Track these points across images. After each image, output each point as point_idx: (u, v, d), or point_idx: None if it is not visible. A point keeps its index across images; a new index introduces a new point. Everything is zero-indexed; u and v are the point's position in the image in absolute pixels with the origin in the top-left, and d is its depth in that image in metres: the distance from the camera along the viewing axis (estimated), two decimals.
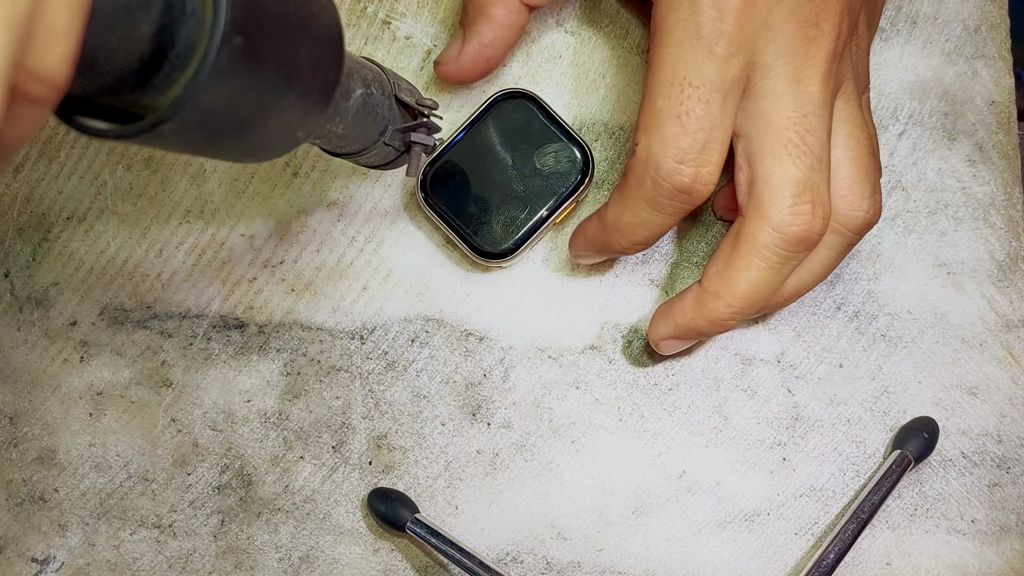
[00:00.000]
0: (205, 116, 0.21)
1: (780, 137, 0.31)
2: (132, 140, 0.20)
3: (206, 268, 0.39)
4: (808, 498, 0.38)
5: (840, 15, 0.31)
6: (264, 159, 0.25)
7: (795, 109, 0.31)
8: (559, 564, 0.38)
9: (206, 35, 0.20)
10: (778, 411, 0.38)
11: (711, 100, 0.30)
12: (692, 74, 0.30)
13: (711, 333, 0.35)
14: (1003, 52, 0.39)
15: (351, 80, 0.28)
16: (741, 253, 0.32)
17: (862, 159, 0.33)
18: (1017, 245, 0.39)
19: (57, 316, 0.39)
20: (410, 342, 0.39)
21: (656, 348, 0.36)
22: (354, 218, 0.39)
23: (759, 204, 0.31)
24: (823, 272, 0.34)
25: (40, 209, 0.39)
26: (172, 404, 0.39)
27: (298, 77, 0.23)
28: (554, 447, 0.38)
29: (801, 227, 0.31)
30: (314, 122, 0.25)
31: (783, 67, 0.31)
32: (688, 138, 0.30)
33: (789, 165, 0.31)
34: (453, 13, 0.39)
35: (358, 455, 0.38)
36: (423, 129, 0.32)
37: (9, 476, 0.39)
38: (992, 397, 0.38)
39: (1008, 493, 0.38)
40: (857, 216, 0.33)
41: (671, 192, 0.31)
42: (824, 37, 0.31)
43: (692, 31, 0.30)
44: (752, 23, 0.30)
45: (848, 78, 0.33)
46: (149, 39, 0.20)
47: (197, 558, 0.38)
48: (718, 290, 0.33)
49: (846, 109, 0.33)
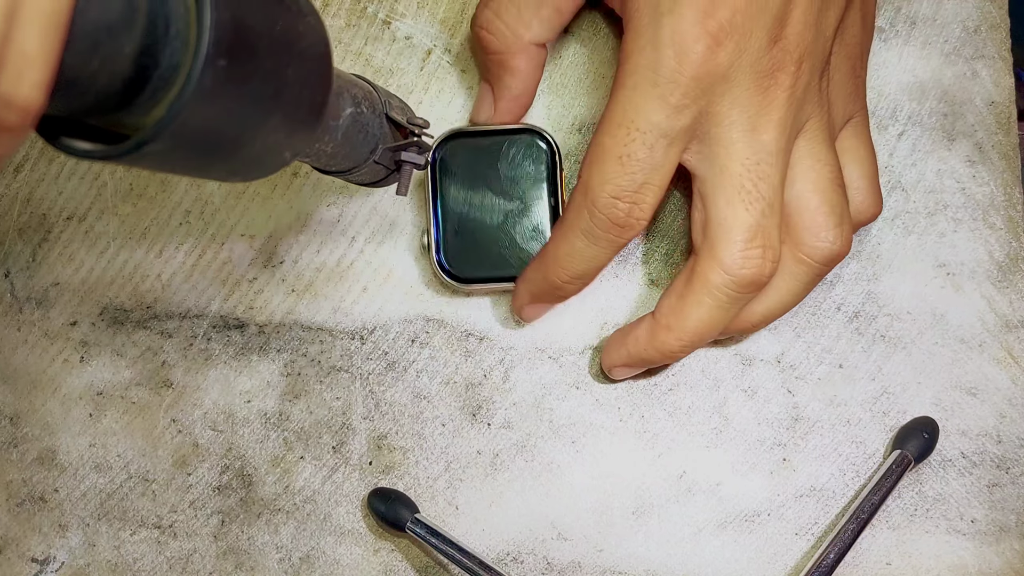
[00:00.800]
0: (189, 137, 0.20)
1: (734, 183, 0.32)
2: (116, 160, 0.20)
3: (206, 268, 0.39)
4: (808, 498, 0.38)
5: (798, 62, 0.31)
6: (252, 179, 0.25)
7: (748, 156, 0.32)
8: (559, 564, 0.38)
9: (190, 56, 0.19)
10: (778, 411, 0.38)
11: (655, 146, 0.31)
12: (641, 120, 0.31)
13: (661, 363, 0.36)
14: (1003, 52, 0.39)
15: (340, 99, 0.28)
16: (693, 290, 0.33)
17: (826, 191, 0.33)
18: (1017, 245, 0.39)
19: (57, 316, 0.39)
20: (410, 342, 0.39)
21: (608, 373, 0.37)
22: (354, 218, 0.39)
23: (712, 245, 0.33)
24: (791, 302, 0.35)
25: (40, 209, 0.39)
26: (172, 404, 0.39)
27: (285, 97, 0.23)
28: (554, 447, 0.38)
29: (751, 271, 0.32)
30: (302, 141, 0.25)
31: (737, 117, 0.32)
32: (627, 177, 0.31)
33: (741, 211, 0.32)
34: (453, 13, 0.39)
35: (358, 455, 0.38)
36: (414, 148, 0.32)
37: (9, 476, 0.39)
38: (992, 397, 0.38)
39: (1008, 493, 0.38)
40: (823, 247, 0.33)
41: (606, 224, 0.32)
42: (778, 87, 0.31)
43: (650, 78, 0.31)
44: (711, 76, 0.31)
45: (812, 116, 0.33)
46: (131, 61, 0.19)
47: (197, 558, 0.38)
48: (670, 324, 0.34)
49: (807, 145, 0.33)
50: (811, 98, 0.33)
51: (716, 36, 0.30)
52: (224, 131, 0.21)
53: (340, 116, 0.28)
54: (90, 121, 0.21)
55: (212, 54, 0.19)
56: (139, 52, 0.19)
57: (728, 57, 0.30)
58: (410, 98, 0.39)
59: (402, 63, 0.39)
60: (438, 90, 0.39)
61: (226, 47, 0.20)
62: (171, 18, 0.20)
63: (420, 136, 0.32)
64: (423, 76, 0.39)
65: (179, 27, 0.20)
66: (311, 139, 0.26)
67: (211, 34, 0.19)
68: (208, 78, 0.19)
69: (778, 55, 0.31)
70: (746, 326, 0.36)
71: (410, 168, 0.32)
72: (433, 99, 0.39)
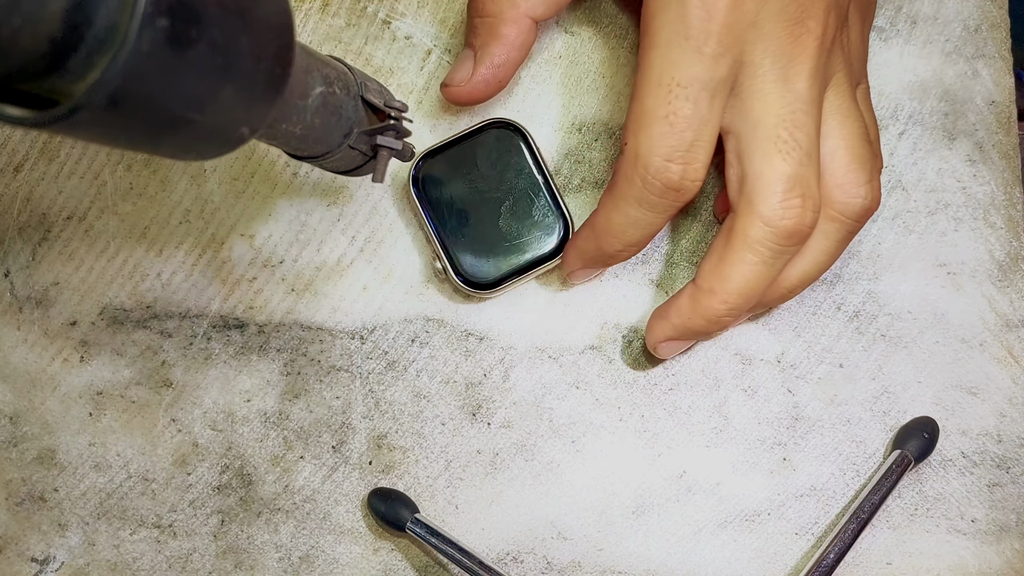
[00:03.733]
0: (128, 105, 0.19)
1: (770, 134, 0.31)
2: (47, 128, 0.19)
3: (206, 268, 0.39)
4: (808, 498, 0.38)
5: (826, 11, 0.31)
6: (207, 156, 0.24)
7: (783, 107, 0.31)
8: (559, 564, 0.38)
9: (127, 15, 0.18)
10: (778, 411, 0.38)
11: (699, 99, 0.31)
12: (680, 74, 0.30)
13: (709, 332, 0.35)
14: (1003, 52, 0.39)
15: (310, 76, 0.26)
16: (734, 248, 0.32)
17: (855, 147, 0.33)
18: (1017, 245, 0.39)
19: (57, 316, 0.39)
20: (410, 342, 0.39)
21: (654, 352, 0.36)
22: (354, 218, 0.39)
23: (750, 200, 0.32)
24: (826, 262, 0.34)
25: (40, 209, 0.39)
26: (172, 404, 0.39)
27: (237, 67, 0.21)
28: (554, 447, 0.38)
29: (792, 220, 0.31)
30: (260, 117, 0.24)
31: (770, 66, 0.31)
32: (676, 136, 0.31)
33: (779, 161, 0.31)
34: (453, 13, 0.39)
35: (358, 455, 0.38)
36: (391, 132, 0.30)
37: (9, 476, 0.39)
38: (992, 397, 0.38)
39: (1008, 493, 0.38)
40: (855, 203, 0.33)
41: (661, 189, 0.31)
42: (809, 35, 0.31)
43: (680, 31, 0.30)
44: (740, 24, 0.30)
45: (839, 70, 0.33)
46: (60, 19, 0.18)
47: (197, 558, 0.38)
48: (713, 287, 0.33)
49: (836, 100, 0.33)
50: (836, 51, 0.33)
51: None
52: (169, 101, 0.20)
53: (309, 96, 0.26)
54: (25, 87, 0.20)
55: (151, 12, 0.18)
56: (69, 9, 0.18)
57: (754, 3, 0.30)
58: (410, 98, 0.39)
59: (402, 63, 0.39)
60: (438, 90, 0.39)
61: (167, 5, 0.18)
62: None
63: (399, 120, 0.31)
64: (423, 76, 0.39)
65: None
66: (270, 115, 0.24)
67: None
68: (146, 39, 0.18)
69: (805, 2, 0.31)
70: (783, 292, 0.35)
71: (387, 153, 0.31)
72: (433, 99, 0.39)
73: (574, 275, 0.37)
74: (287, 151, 0.29)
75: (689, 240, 0.39)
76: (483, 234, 0.37)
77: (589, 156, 0.39)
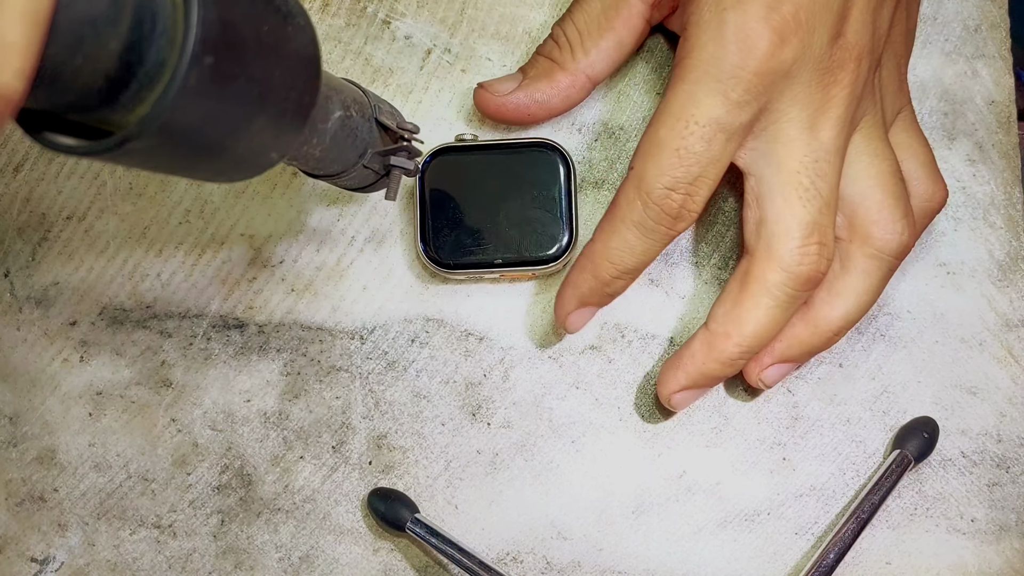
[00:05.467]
0: (173, 135, 0.20)
1: (792, 180, 0.32)
2: (99, 157, 0.20)
3: (206, 268, 0.39)
4: (808, 498, 0.38)
5: (857, 61, 0.31)
6: (237, 179, 0.25)
7: (808, 154, 0.32)
8: (559, 564, 0.38)
9: (176, 54, 0.19)
10: (778, 411, 0.38)
11: (713, 140, 0.31)
12: (700, 113, 0.31)
13: (722, 376, 0.35)
14: (1003, 52, 0.39)
15: (329, 102, 0.28)
16: (750, 293, 0.33)
17: (887, 184, 0.33)
18: (1017, 245, 0.39)
19: (57, 316, 0.39)
20: (410, 342, 0.39)
21: (668, 404, 0.36)
22: (354, 218, 0.39)
23: (769, 244, 0.32)
24: (868, 301, 0.34)
25: (40, 208, 0.39)
26: (172, 404, 0.39)
27: (271, 98, 0.23)
28: (554, 447, 0.38)
29: (809, 267, 0.32)
30: (288, 143, 0.25)
31: (797, 114, 0.31)
32: (683, 169, 0.31)
33: (799, 207, 0.32)
34: (453, 13, 0.39)
35: (358, 455, 0.38)
36: (403, 153, 0.32)
37: (9, 476, 0.39)
38: (992, 397, 0.38)
39: (1008, 492, 0.38)
40: (893, 239, 0.33)
41: (659, 215, 0.32)
42: (838, 85, 0.31)
43: (712, 72, 0.30)
44: (773, 74, 0.30)
45: (868, 113, 0.33)
46: (116, 57, 0.19)
47: (197, 558, 0.38)
48: (728, 331, 0.34)
49: (863, 142, 0.33)
50: (867, 95, 0.33)
51: (781, 32, 0.30)
52: (209, 131, 0.21)
53: (329, 120, 0.28)
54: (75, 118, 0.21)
55: (198, 52, 0.19)
56: (124, 48, 0.19)
57: (792, 54, 0.30)
58: (410, 98, 0.39)
59: (402, 63, 0.39)
60: (438, 90, 0.39)
61: (212, 45, 0.20)
62: (158, 15, 0.20)
63: (410, 141, 0.32)
64: (423, 76, 0.39)
65: (166, 24, 0.20)
66: (298, 141, 0.26)
67: (198, 31, 0.19)
68: (194, 76, 0.19)
69: (838, 53, 0.31)
70: (829, 336, 0.35)
71: (399, 173, 0.32)
72: (433, 99, 0.39)
73: (570, 318, 0.36)
74: (304, 170, 0.30)
75: (688, 240, 0.39)
76: (474, 221, 0.37)
77: (589, 156, 0.39)
